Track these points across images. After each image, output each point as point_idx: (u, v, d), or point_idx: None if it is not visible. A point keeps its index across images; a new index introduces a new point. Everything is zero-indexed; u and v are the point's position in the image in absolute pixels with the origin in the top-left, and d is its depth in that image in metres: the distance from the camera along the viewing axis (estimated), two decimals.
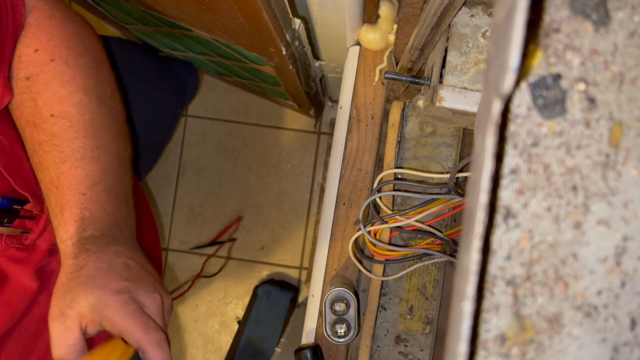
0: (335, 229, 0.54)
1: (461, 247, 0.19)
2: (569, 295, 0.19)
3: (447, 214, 0.50)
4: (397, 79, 0.41)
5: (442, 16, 0.30)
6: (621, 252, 0.19)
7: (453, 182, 0.44)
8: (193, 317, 1.18)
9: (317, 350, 0.50)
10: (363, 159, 0.54)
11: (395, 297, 0.52)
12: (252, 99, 1.19)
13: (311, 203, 1.17)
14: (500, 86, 0.16)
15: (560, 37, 0.18)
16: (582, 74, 0.19)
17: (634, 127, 0.19)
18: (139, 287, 0.42)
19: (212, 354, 1.17)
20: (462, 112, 0.36)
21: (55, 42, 0.46)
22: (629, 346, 0.19)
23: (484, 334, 0.18)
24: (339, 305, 0.48)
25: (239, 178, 1.18)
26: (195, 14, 0.57)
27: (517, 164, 0.18)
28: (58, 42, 0.47)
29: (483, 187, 0.17)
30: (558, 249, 0.19)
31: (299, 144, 1.18)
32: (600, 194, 0.19)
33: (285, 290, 1.09)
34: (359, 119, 0.55)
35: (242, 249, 1.18)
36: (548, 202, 0.18)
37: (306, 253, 1.16)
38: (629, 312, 0.19)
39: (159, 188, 1.20)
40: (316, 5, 0.53)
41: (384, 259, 0.51)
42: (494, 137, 0.17)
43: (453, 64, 0.36)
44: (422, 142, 0.54)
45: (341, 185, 0.54)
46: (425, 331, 0.52)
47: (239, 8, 0.48)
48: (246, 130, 1.19)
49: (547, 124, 0.19)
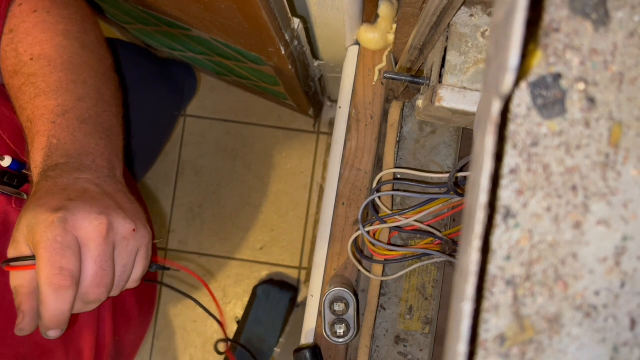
0: (334, 229, 0.54)
1: (461, 247, 0.19)
2: (568, 295, 0.19)
3: (446, 213, 0.50)
4: (397, 78, 0.41)
5: (441, 16, 0.30)
6: (621, 252, 0.19)
7: (452, 182, 0.44)
8: (192, 317, 1.18)
9: (316, 350, 0.50)
10: (362, 159, 0.54)
11: (394, 297, 0.52)
12: (251, 98, 1.19)
13: (310, 203, 1.17)
14: (500, 86, 0.16)
15: (560, 36, 0.18)
16: (581, 74, 0.19)
17: (633, 127, 0.19)
18: (82, 207, 0.36)
19: (212, 355, 1.17)
20: (461, 112, 0.36)
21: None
22: (629, 346, 0.19)
23: (483, 334, 0.18)
24: (338, 305, 0.48)
25: (238, 178, 1.18)
26: (195, 14, 0.56)
27: (517, 163, 0.18)
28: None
29: (483, 187, 0.17)
30: (558, 249, 0.19)
31: (298, 143, 1.18)
32: (600, 194, 0.19)
33: (285, 291, 1.09)
34: (358, 118, 0.55)
35: (242, 249, 1.18)
36: (548, 202, 0.18)
37: (305, 253, 1.16)
38: (629, 312, 0.19)
39: (158, 188, 1.20)
40: (315, 5, 0.53)
41: (383, 259, 0.51)
42: (493, 137, 0.17)
43: (452, 64, 0.36)
44: (422, 142, 0.54)
45: (340, 185, 0.54)
46: (425, 331, 0.52)
47: (238, 7, 0.48)
48: (245, 130, 1.19)
49: (546, 124, 0.18)
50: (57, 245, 0.34)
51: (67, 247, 0.34)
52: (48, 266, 0.34)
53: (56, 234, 0.34)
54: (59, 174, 0.39)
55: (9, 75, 0.46)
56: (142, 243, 0.40)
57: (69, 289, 0.34)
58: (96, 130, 0.43)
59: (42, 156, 0.40)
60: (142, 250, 0.40)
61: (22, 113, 0.44)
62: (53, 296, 0.34)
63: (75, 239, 0.35)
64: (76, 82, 0.44)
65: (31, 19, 0.46)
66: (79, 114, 0.43)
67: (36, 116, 0.42)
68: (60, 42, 0.46)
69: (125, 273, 0.39)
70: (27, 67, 0.44)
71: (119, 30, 0.92)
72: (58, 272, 0.34)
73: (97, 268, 0.36)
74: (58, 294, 0.34)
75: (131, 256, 0.39)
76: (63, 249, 0.34)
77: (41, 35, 0.45)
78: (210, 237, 1.18)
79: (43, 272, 0.34)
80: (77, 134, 0.42)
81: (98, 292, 0.36)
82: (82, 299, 0.36)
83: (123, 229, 0.38)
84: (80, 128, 0.42)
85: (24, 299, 0.36)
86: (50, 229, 0.34)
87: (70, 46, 0.46)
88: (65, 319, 0.35)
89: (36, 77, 0.44)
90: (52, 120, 0.41)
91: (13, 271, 0.36)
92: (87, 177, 0.39)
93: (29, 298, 0.36)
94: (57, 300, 0.34)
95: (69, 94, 0.43)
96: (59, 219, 0.34)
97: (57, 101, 0.42)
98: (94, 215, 0.36)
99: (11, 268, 0.36)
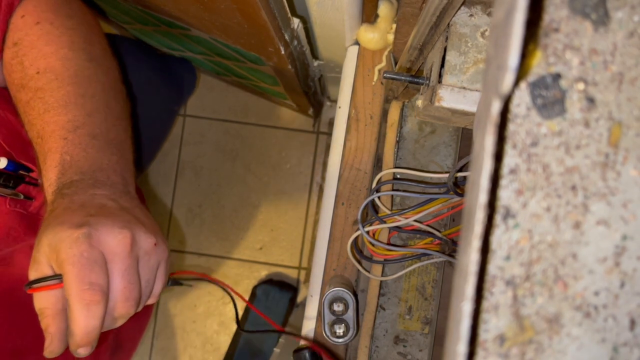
0: (334, 229, 0.54)
1: (460, 247, 0.19)
2: (568, 296, 0.19)
3: (446, 213, 0.50)
4: (396, 78, 0.41)
5: (441, 16, 0.30)
6: (620, 252, 0.19)
7: (452, 181, 0.44)
8: (192, 317, 1.18)
9: (316, 350, 0.50)
10: (362, 159, 0.54)
11: (394, 297, 0.52)
12: (250, 98, 1.18)
13: (310, 203, 1.17)
14: (499, 86, 0.16)
15: (560, 36, 0.18)
16: (581, 74, 0.19)
17: (633, 126, 0.19)
18: (104, 223, 0.35)
19: (211, 355, 1.17)
20: (461, 112, 0.36)
21: (41, 7, 0.46)
22: (629, 346, 0.19)
23: (483, 334, 0.18)
24: (337, 305, 0.48)
25: (237, 178, 1.18)
26: (194, 14, 0.56)
27: (517, 163, 0.18)
28: (44, 7, 0.46)
29: (482, 186, 0.17)
30: (557, 249, 0.18)
31: (297, 143, 1.18)
32: (600, 193, 0.19)
33: (284, 291, 1.09)
34: (357, 118, 0.55)
35: (241, 249, 1.17)
36: (547, 202, 0.18)
37: (305, 253, 1.16)
38: (629, 312, 0.19)
39: (157, 188, 1.20)
40: (315, 5, 0.53)
41: (383, 259, 0.50)
42: (493, 136, 0.17)
43: (452, 64, 0.36)
44: (421, 142, 0.54)
45: (340, 185, 0.54)
46: (424, 331, 0.52)
47: (237, 7, 0.48)
48: (245, 130, 1.19)
49: (546, 124, 0.18)
50: (84, 261, 0.33)
51: (94, 262, 0.34)
52: (77, 282, 0.33)
53: (82, 249, 0.34)
54: (75, 191, 0.38)
55: (15, 89, 0.45)
56: (162, 257, 0.39)
57: (99, 304, 0.34)
58: (107, 146, 0.43)
59: (56, 174, 0.40)
60: (162, 265, 0.40)
61: (32, 129, 0.43)
62: (84, 312, 0.33)
63: (101, 253, 0.35)
64: (84, 96, 0.44)
65: (34, 32, 0.45)
66: (90, 130, 0.42)
67: (46, 132, 0.42)
68: (65, 54, 0.45)
69: (147, 288, 0.38)
70: (34, 81, 0.44)
71: (118, 30, 0.92)
72: (88, 287, 0.33)
73: (125, 282, 0.35)
74: (89, 310, 0.33)
75: (153, 271, 0.39)
76: (90, 264, 0.34)
77: (46, 48, 0.45)
78: (210, 237, 1.18)
79: (72, 288, 0.33)
80: (89, 150, 0.41)
81: (127, 305, 0.36)
82: (111, 314, 0.36)
83: (145, 243, 0.37)
84: (92, 144, 0.42)
85: (50, 320, 0.35)
86: (75, 244, 0.34)
87: (76, 58, 0.45)
88: (96, 335, 0.35)
89: (44, 91, 0.43)
90: (63, 136, 0.41)
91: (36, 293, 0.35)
92: (103, 193, 0.39)
93: (55, 319, 0.35)
94: (88, 316, 0.33)
95: (79, 109, 0.43)
96: (83, 235, 0.34)
97: (67, 117, 0.42)
98: (117, 230, 0.36)
99: (35, 290, 0.35)
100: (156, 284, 0.40)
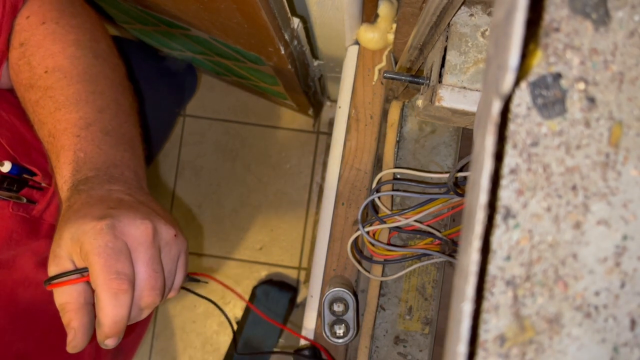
0: (334, 229, 0.54)
1: (461, 248, 0.19)
2: (568, 296, 0.18)
3: (446, 213, 0.50)
4: (396, 78, 0.41)
5: (441, 15, 0.30)
6: (621, 252, 0.19)
7: (452, 181, 0.44)
8: (191, 317, 1.18)
9: (315, 350, 0.50)
10: (362, 159, 0.54)
11: (394, 298, 0.52)
12: (250, 98, 1.18)
13: (310, 203, 1.17)
14: (499, 86, 0.16)
15: (560, 36, 0.18)
16: (582, 74, 0.19)
17: (633, 126, 0.19)
18: (125, 214, 0.36)
19: (211, 355, 1.17)
20: (461, 112, 0.36)
21: (46, 7, 0.47)
22: (629, 346, 0.19)
23: (483, 334, 0.18)
24: (337, 305, 0.48)
25: (237, 178, 1.18)
26: (194, 13, 0.56)
27: (517, 163, 0.18)
28: (49, 7, 0.47)
29: (483, 187, 0.17)
30: (558, 249, 0.18)
31: (297, 143, 1.18)
32: (600, 193, 0.19)
33: (284, 291, 1.09)
34: (357, 118, 0.55)
35: (241, 249, 1.17)
36: (548, 202, 0.18)
37: (305, 253, 1.16)
38: (629, 313, 0.19)
39: (157, 188, 1.20)
40: (315, 5, 0.53)
41: (383, 259, 0.50)
42: (493, 136, 0.17)
43: (452, 64, 0.36)
44: (421, 142, 0.54)
45: (340, 185, 0.54)
46: (425, 332, 0.52)
47: (237, 7, 0.48)
48: (245, 130, 1.19)
49: (546, 124, 0.18)
50: (109, 251, 0.34)
51: (120, 251, 0.34)
52: (104, 272, 0.33)
53: (107, 239, 0.34)
54: (91, 187, 0.39)
55: (24, 89, 0.45)
56: (182, 248, 0.40)
57: (126, 293, 0.34)
58: (119, 142, 0.43)
59: (71, 170, 0.40)
60: (182, 257, 0.40)
61: (43, 127, 0.43)
62: (113, 301, 0.33)
63: (125, 244, 0.35)
64: (94, 93, 0.44)
65: (40, 31, 0.45)
66: (102, 126, 0.43)
67: (59, 130, 0.42)
68: (72, 52, 0.45)
69: (170, 279, 0.39)
70: (43, 80, 0.44)
71: (118, 31, 0.92)
72: (115, 276, 0.33)
73: (151, 271, 0.36)
74: (117, 299, 0.33)
75: (174, 262, 0.39)
76: (116, 253, 0.34)
77: (52, 47, 0.45)
78: (210, 237, 1.18)
79: (100, 278, 0.33)
80: (102, 147, 0.42)
81: (153, 294, 0.36)
82: (138, 303, 0.36)
83: (166, 234, 0.38)
84: (105, 140, 0.42)
85: (73, 315, 0.35)
86: (100, 235, 0.34)
87: (84, 56, 0.46)
88: (124, 325, 0.35)
89: (53, 90, 0.43)
90: (76, 133, 0.41)
91: (57, 288, 0.35)
92: (118, 189, 0.40)
93: (77, 314, 0.35)
94: (116, 306, 0.34)
95: (89, 106, 0.43)
96: (107, 226, 0.34)
97: (78, 114, 0.42)
98: (139, 221, 0.36)
99: (56, 285, 0.35)
100: (177, 275, 0.40)
